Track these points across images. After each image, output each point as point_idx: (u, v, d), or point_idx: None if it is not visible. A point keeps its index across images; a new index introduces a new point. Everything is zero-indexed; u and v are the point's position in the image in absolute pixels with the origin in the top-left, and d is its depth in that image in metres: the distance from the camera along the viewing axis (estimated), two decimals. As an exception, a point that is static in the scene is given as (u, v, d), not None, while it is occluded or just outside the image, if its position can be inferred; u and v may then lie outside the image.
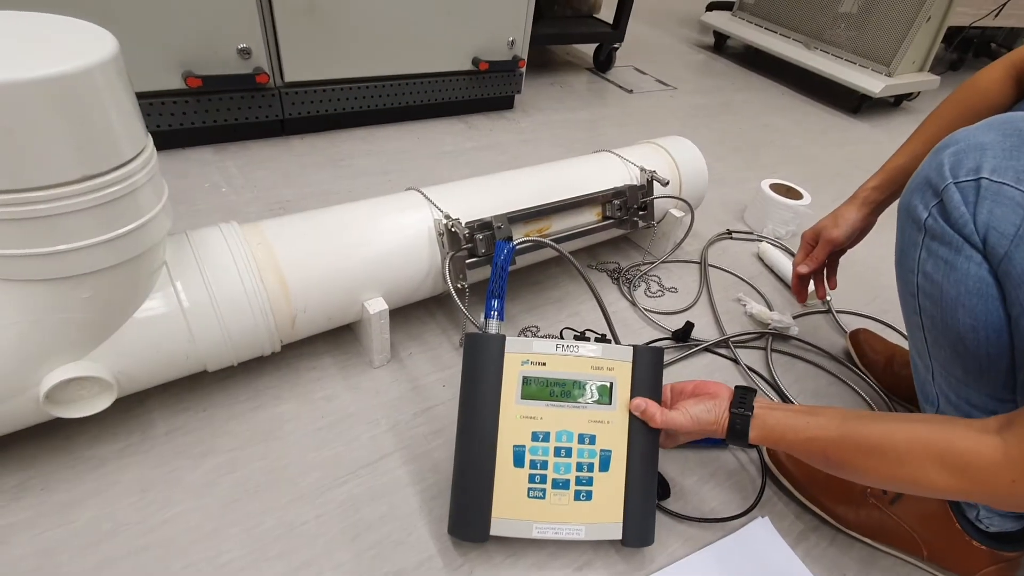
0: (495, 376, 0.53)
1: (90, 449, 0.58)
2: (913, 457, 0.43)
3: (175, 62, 0.95)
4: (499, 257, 0.56)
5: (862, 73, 1.80)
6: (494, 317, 0.56)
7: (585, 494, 0.53)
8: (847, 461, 0.46)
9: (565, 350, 0.54)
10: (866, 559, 0.60)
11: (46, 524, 0.51)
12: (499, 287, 0.56)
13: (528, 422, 0.53)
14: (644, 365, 0.55)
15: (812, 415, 0.49)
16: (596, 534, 0.52)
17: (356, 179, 1.08)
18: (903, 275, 0.54)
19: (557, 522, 0.52)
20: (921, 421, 0.45)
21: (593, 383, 0.54)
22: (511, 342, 0.53)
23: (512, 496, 0.52)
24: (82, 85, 0.38)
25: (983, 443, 0.40)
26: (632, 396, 0.55)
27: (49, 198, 0.39)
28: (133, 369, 0.52)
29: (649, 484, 0.55)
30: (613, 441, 0.54)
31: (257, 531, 0.54)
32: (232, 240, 0.57)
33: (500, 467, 0.52)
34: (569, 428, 0.53)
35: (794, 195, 1.11)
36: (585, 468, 0.53)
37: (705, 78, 2.00)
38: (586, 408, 0.54)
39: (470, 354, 0.53)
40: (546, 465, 0.52)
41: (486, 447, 0.52)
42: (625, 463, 0.54)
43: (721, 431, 0.52)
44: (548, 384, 0.53)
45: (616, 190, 0.83)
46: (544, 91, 1.63)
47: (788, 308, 0.94)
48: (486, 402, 0.52)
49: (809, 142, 1.63)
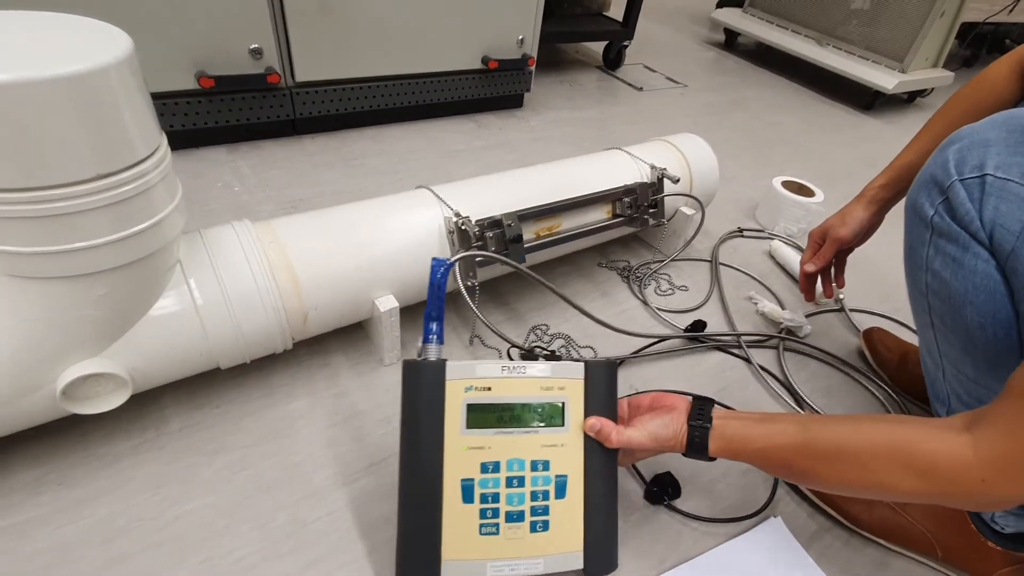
0: (436, 406, 0.48)
1: (105, 446, 0.58)
2: (878, 461, 0.41)
3: (188, 62, 0.96)
4: (435, 276, 0.50)
5: (875, 69, 1.78)
6: (433, 341, 0.51)
7: (542, 524, 0.49)
8: (810, 469, 0.44)
9: (512, 372, 0.50)
10: (880, 560, 0.60)
11: (62, 519, 0.52)
12: (436, 308, 0.51)
13: (476, 453, 0.49)
14: (597, 381, 0.52)
15: (772, 423, 0.47)
16: (556, 566, 0.49)
17: (367, 178, 1.09)
18: (912, 273, 0.53)
19: (513, 558, 0.48)
20: (885, 422, 0.44)
21: (544, 405, 0.51)
22: (452, 368, 0.49)
23: (463, 535, 0.48)
24: (98, 84, 0.38)
25: (951, 442, 0.39)
26: (586, 415, 0.51)
27: (64, 196, 0.40)
28: (147, 366, 0.53)
29: (610, 506, 0.52)
30: (569, 465, 0.50)
31: (269, 527, 0.54)
32: (245, 238, 0.58)
33: (448, 504, 0.48)
34: (520, 456, 0.49)
35: (806, 192, 1.10)
36: (540, 497, 0.49)
37: (716, 75, 1.99)
38: (538, 432, 0.50)
39: (408, 384, 0.49)
40: (498, 498, 0.48)
41: (431, 484, 0.48)
42: (583, 487, 0.50)
43: (680, 447, 0.49)
44: (495, 410, 0.49)
45: (626, 188, 0.82)
46: (554, 89, 1.63)
47: (800, 307, 0.93)
48: (428, 435, 0.48)
49: (821, 139, 1.62)
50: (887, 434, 0.42)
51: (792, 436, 0.45)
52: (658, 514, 0.60)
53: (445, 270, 0.50)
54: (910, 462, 0.40)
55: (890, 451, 0.41)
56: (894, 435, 0.41)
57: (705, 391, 0.75)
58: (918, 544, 0.58)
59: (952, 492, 0.39)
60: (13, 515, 0.52)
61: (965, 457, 0.38)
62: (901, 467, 0.40)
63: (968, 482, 0.38)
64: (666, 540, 0.58)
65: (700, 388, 0.75)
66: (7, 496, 0.53)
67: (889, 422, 0.44)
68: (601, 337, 0.81)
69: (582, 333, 0.81)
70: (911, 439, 0.41)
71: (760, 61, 2.18)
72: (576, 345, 0.79)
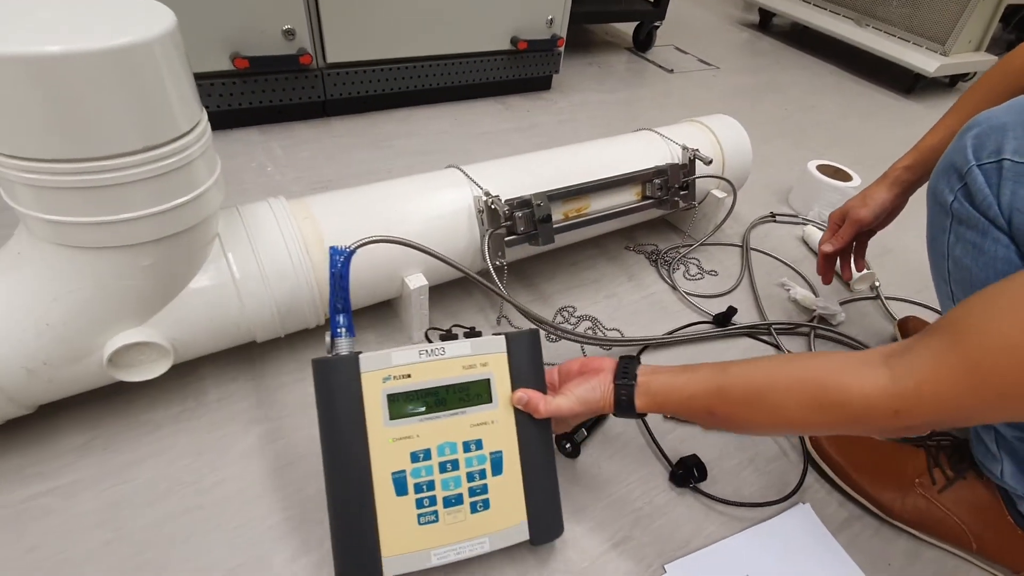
0: (354, 402, 0.46)
1: (148, 413, 0.61)
2: (791, 398, 0.41)
3: (223, 44, 0.97)
4: (334, 266, 0.47)
5: (916, 51, 1.71)
6: (342, 335, 0.48)
7: (482, 503, 0.49)
8: (731, 415, 0.44)
9: (430, 355, 0.48)
10: (911, 550, 0.59)
11: (110, 481, 0.55)
12: (342, 299, 0.48)
13: (403, 443, 0.47)
14: (520, 352, 0.51)
15: (693, 372, 0.47)
16: (502, 541, 0.49)
17: (395, 160, 1.09)
18: (935, 260, 0.53)
19: (457, 542, 0.48)
20: (800, 359, 0.44)
21: (468, 384, 0.49)
22: (366, 359, 0.47)
23: (401, 528, 0.46)
24: (145, 56, 0.39)
25: (866, 376, 0.38)
26: (513, 387, 0.50)
27: (113, 167, 0.41)
28: (188, 337, 0.55)
29: (549, 474, 0.52)
30: (502, 441, 0.50)
31: (301, 496, 0.56)
32: (280, 214, 0.59)
33: (381, 500, 0.46)
34: (451, 439, 0.48)
35: (843, 177, 1.06)
36: (477, 477, 0.49)
37: (749, 57, 1.93)
38: (466, 413, 0.49)
39: (321, 383, 0.47)
40: (432, 485, 0.47)
41: (360, 484, 0.46)
42: (519, 460, 0.50)
43: (609, 407, 0.49)
44: (418, 397, 0.48)
45: (657, 169, 0.81)
46: (582, 72, 1.60)
47: (834, 294, 0.91)
48: (349, 433, 0.46)
49: (859, 123, 1.56)
50: (800, 371, 0.42)
51: (710, 382, 0.45)
52: (683, 497, 0.60)
53: (345, 259, 0.47)
54: (822, 395, 0.40)
55: (802, 387, 0.41)
56: (807, 372, 0.41)
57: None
58: (952, 535, 0.57)
59: (863, 421, 0.39)
60: (63, 476, 0.54)
61: (879, 387, 0.38)
62: (811, 400, 0.40)
63: (880, 413, 0.38)
64: (691, 523, 0.58)
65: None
66: (58, 458, 0.56)
67: (804, 359, 0.44)
68: (630, 319, 0.80)
69: (608, 316, 0.81)
70: (824, 373, 0.41)
71: (796, 43, 2.11)
72: (603, 327, 0.79)
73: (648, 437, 0.65)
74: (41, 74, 0.36)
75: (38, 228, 0.44)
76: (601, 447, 0.64)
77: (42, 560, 0.49)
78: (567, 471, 0.61)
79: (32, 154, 0.39)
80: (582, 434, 0.62)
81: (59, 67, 0.36)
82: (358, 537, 0.46)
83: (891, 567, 0.57)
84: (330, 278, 0.48)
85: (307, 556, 0.51)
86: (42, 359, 0.48)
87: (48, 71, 0.36)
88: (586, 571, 0.53)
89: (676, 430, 0.67)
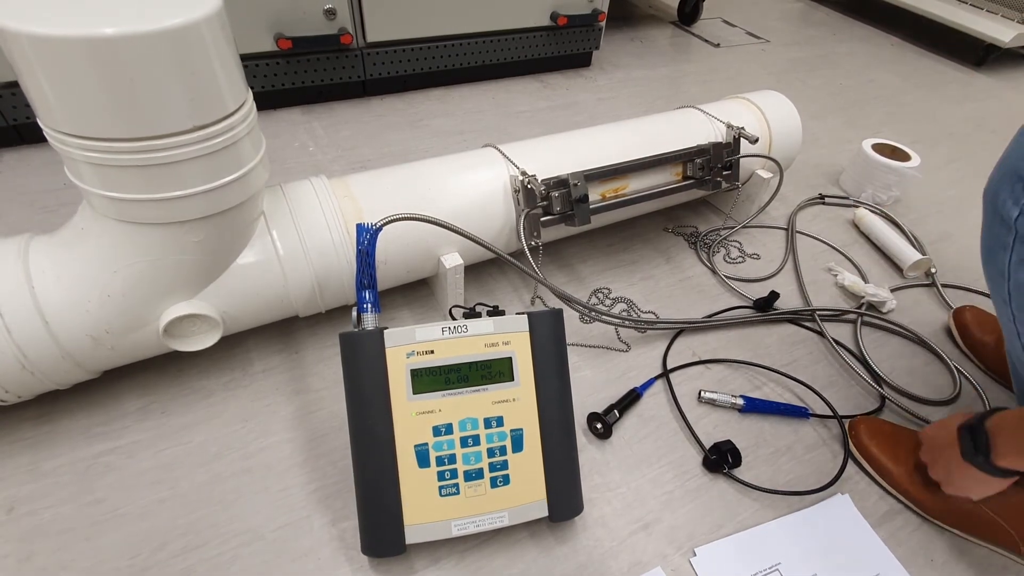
0: (379, 376, 0.48)
1: (200, 381, 0.64)
2: None
3: (267, 24, 0.99)
4: (361, 243, 0.48)
5: (990, 20, 1.58)
6: (368, 311, 0.50)
7: (502, 479, 0.50)
8: None
9: (453, 333, 0.49)
10: (957, 546, 0.57)
11: (165, 443, 0.58)
12: (368, 276, 0.49)
13: (426, 417, 0.48)
14: (543, 332, 0.51)
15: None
16: (521, 516, 0.50)
17: (433, 139, 1.10)
18: (992, 276, 0.47)
19: (477, 515, 0.49)
20: None
21: (490, 361, 0.50)
22: (391, 335, 0.48)
23: (423, 499, 0.48)
24: (195, 37, 0.41)
25: None
26: (535, 366, 0.51)
27: (166, 146, 0.43)
28: (236, 310, 0.57)
29: (569, 453, 0.52)
30: (523, 418, 0.50)
31: (341, 464, 0.58)
32: (321, 193, 0.60)
33: (404, 472, 0.48)
34: (472, 415, 0.49)
35: (901, 156, 1.01)
36: (497, 453, 0.50)
37: (802, 29, 1.83)
38: (488, 390, 0.50)
39: (347, 357, 0.48)
40: (454, 459, 0.49)
41: (384, 455, 0.48)
42: (540, 438, 0.51)
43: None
44: (440, 373, 0.49)
45: (699, 148, 0.79)
46: (623, 47, 1.56)
47: (885, 280, 0.87)
48: (374, 406, 0.48)
49: (921, 99, 1.47)
50: None
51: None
52: (716, 482, 0.60)
53: (371, 236, 0.48)
54: None
55: None
56: None
57: (772, 363, 0.72)
58: (997, 538, 0.55)
59: None
60: (123, 437, 0.58)
61: None
62: None
63: None
64: (723, 508, 0.58)
65: (767, 360, 0.73)
66: (119, 420, 0.60)
67: None
68: (666, 302, 0.79)
69: (644, 298, 0.80)
70: None
71: (854, 12, 1.99)
72: (638, 309, 0.78)
73: (682, 421, 0.65)
74: (98, 55, 0.38)
75: (100, 204, 0.47)
76: (634, 429, 0.64)
77: (106, 512, 0.53)
78: (598, 451, 0.61)
79: (95, 133, 0.41)
80: (614, 415, 0.62)
81: (114, 48, 0.38)
82: (382, 504, 0.48)
83: (934, 563, 0.55)
84: (356, 255, 0.49)
85: (347, 521, 0.54)
86: (104, 327, 0.52)
87: (104, 52, 0.38)
88: (614, 550, 0.54)
89: (711, 415, 0.66)
